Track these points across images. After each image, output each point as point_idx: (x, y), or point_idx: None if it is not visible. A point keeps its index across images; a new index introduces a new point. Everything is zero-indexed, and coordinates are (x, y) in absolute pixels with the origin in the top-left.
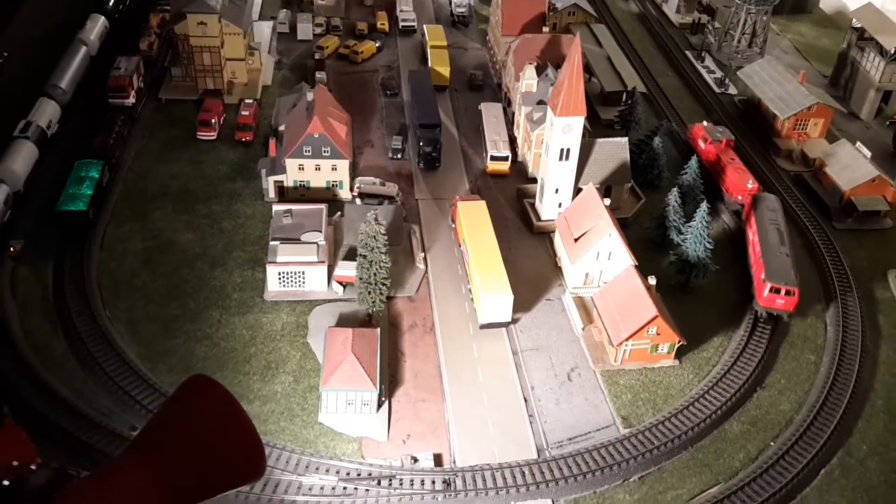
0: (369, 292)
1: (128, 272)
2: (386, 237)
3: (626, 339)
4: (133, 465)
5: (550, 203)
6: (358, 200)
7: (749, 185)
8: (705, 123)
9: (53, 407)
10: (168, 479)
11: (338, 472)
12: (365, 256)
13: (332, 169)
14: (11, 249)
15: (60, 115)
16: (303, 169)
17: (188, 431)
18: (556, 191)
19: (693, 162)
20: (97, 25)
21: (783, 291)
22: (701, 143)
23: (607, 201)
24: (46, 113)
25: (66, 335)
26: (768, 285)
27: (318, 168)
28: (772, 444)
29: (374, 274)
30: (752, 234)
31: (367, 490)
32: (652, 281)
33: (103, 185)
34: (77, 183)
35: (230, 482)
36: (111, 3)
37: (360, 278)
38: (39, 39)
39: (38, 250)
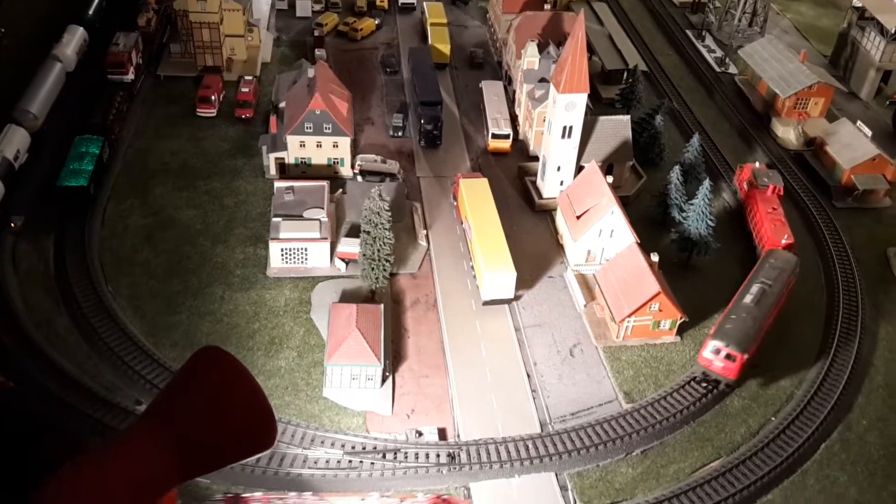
0: (373, 268)
1: (129, 248)
2: (390, 213)
3: (629, 316)
4: (145, 434)
5: (552, 181)
6: (359, 178)
7: (784, 241)
8: (756, 165)
9: (57, 382)
10: (180, 448)
11: (343, 446)
12: (368, 232)
13: (334, 146)
14: (13, 225)
15: (30, 144)
16: (304, 146)
17: (200, 401)
18: (558, 168)
19: (695, 140)
20: (74, 39)
21: (723, 353)
22: (745, 187)
23: (609, 179)
24: (14, 142)
25: (69, 310)
26: (710, 343)
27: (319, 145)
28: (773, 419)
29: (378, 250)
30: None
31: (371, 463)
32: (654, 258)
33: (104, 160)
34: (77, 159)
35: (242, 452)
36: (91, 11)
37: (364, 254)
38: (7, 56)
39: (39, 226)
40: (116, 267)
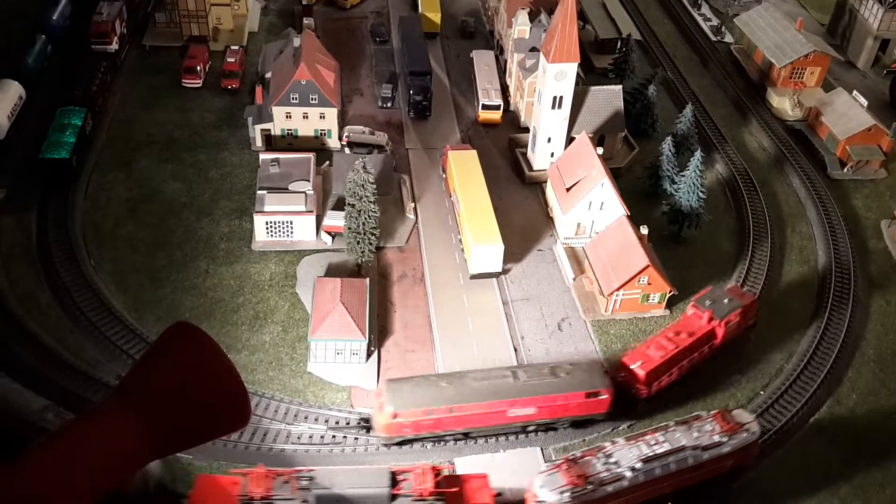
0: (358, 242)
1: (113, 222)
2: (374, 186)
3: (618, 289)
4: (116, 411)
5: (542, 152)
6: (347, 149)
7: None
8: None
9: (39, 356)
10: (151, 425)
11: (327, 421)
12: (353, 206)
13: (320, 117)
14: None
15: None
16: (290, 117)
17: (171, 378)
18: (549, 140)
19: (688, 110)
20: (7, 97)
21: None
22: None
23: (600, 150)
24: None
25: (51, 285)
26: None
27: (305, 116)
28: (762, 392)
29: (363, 223)
30: None
31: (356, 438)
32: (644, 231)
33: (86, 132)
34: (59, 130)
35: (214, 430)
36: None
37: (349, 228)
38: None
39: (21, 199)
40: (99, 240)
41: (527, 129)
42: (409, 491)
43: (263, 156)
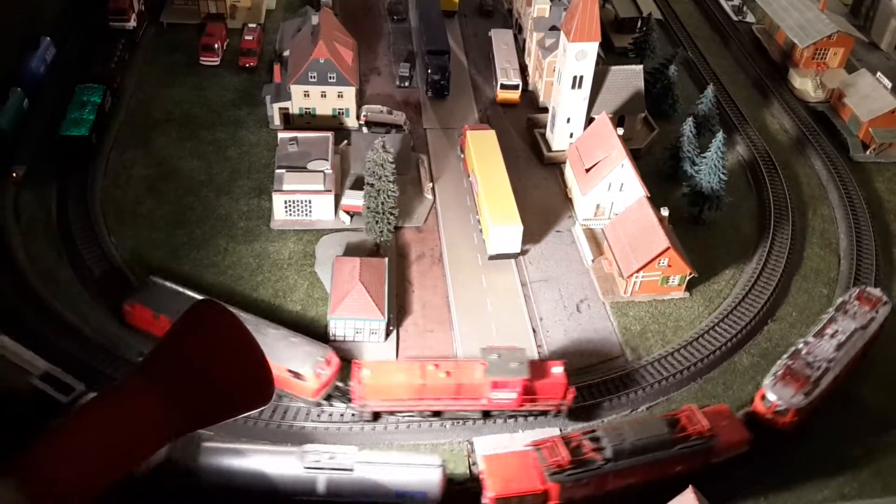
0: (377, 221)
1: (132, 199)
2: (394, 165)
3: (637, 271)
4: (139, 388)
5: (562, 133)
6: (364, 129)
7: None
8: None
9: (60, 333)
10: (175, 402)
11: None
12: (372, 185)
13: (339, 96)
14: (14, 175)
15: None
16: (308, 96)
17: (195, 355)
18: (568, 120)
19: (709, 91)
20: None
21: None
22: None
23: (620, 131)
24: None
25: (71, 261)
26: None
27: (323, 95)
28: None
29: (382, 203)
30: None
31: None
32: (665, 212)
33: (105, 110)
34: (79, 108)
35: (238, 407)
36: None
37: (368, 207)
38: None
39: (41, 176)
40: (119, 217)
41: (545, 110)
42: (689, 432)
43: (282, 134)
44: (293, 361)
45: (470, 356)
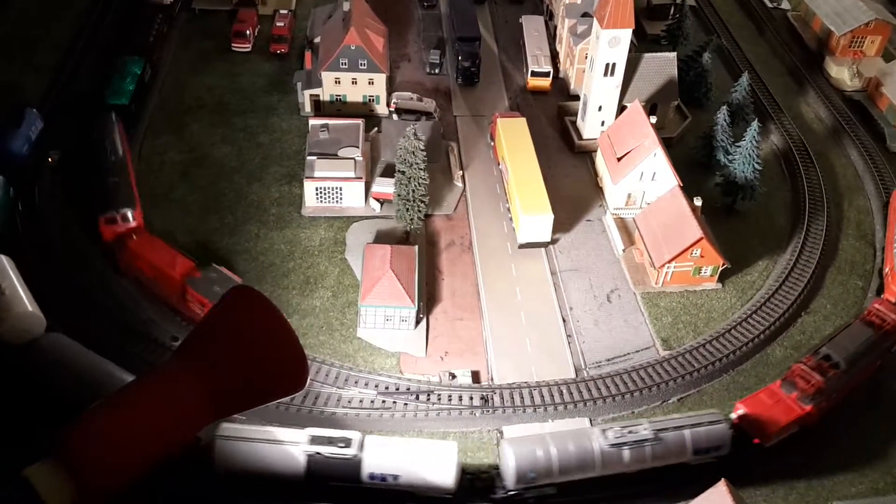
0: (407, 209)
1: (166, 184)
2: (424, 153)
3: (669, 262)
4: (177, 374)
5: (593, 121)
6: (395, 116)
7: None
8: None
9: (95, 317)
10: (212, 387)
11: (377, 386)
12: (403, 172)
13: (369, 83)
14: (50, 160)
15: None
16: (339, 83)
17: (233, 341)
18: (600, 108)
19: (744, 79)
20: None
21: None
22: None
23: (653, 119)
24: None
25: (105, 246)
26: None
27: (354, 82)
28: None
29: (413, 190)
30: None
31: (405, 404)
32: (697, 202)
33: (145, 80)
34: (121, 78)
35: (273, 393)
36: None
37: (398, 195)
38: None
39: (76, 160)
40: (153, 202)
41: (576, 97)
42: (889, 326)
43: (313, 121)
44: None
45: (498, 346)
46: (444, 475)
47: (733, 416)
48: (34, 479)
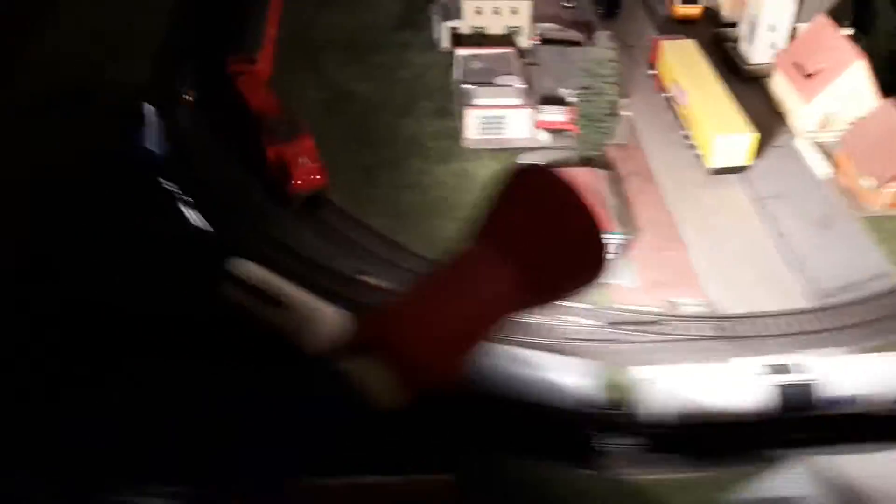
0: (593, 131)
1: (311, 121)
2: (615, 64)
3: (891, 180)
4: (485, 255)
5: (762, 44)
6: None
7: None
8: None
9: (277, 252)
10: (520, 270)
11: (597, 318)
12: (588, 87)
13: (512, 12)
14: (186, 97)
15: None
16: (480, 13)
17: (532, 224)
18: (772, 29)
19: None
20: None
21: None
22: None
23: (849, 31)
24: None
25: (263, 181)
26: None
27: (496, 11)
28: None
29: (601, 108)
30: None
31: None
32: None
33: None
34: None
35: (575, 280)
36: None
37: (582, 114)
38: None
39: (213, 100)
40: None
41: (728, 25)
42: None
43: (460, 51)
44: None
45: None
46: None
47: None
48: (358, 374)
